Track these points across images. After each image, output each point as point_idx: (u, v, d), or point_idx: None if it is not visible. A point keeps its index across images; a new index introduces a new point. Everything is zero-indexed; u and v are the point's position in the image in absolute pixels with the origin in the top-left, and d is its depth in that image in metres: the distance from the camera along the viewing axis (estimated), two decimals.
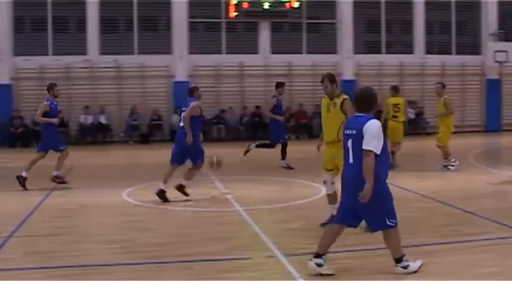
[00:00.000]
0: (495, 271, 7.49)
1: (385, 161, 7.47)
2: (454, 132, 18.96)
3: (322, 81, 10.12)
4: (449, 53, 32.19)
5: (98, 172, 18.43)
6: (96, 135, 28.14)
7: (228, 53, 29.61)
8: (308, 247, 8.64)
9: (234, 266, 7.89)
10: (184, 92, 15.13)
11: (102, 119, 27.79)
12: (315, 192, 13.48)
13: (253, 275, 7.59)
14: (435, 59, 31.37)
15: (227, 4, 29.21)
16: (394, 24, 32.32)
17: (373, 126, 7.27)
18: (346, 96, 9.74)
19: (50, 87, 14.97)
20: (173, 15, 29.09)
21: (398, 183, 14.63)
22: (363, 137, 7.22)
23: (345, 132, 7.57)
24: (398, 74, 30.68)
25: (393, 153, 17.32)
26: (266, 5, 29.29)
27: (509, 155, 21.05)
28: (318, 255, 7.51)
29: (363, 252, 8.47)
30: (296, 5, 29.54)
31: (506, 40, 31.97)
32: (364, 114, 7.46)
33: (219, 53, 29.58)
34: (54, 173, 14.67)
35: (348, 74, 30.11)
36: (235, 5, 29.08)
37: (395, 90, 18.38)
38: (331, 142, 9.81)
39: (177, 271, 7.78)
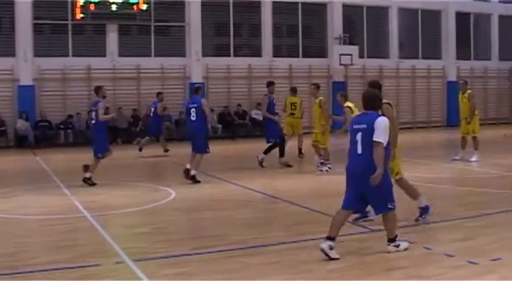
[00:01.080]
0: (339, 267, 7.79)
1: (389, 152, 8.52)
2: (305, 133, 19.75)
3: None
4: (296, 56, 33.06)
5: None
6: None
7: (74, 56, 28.95)
8: (157, 251, 8.69)
9: (84, 273, 7.76)
10: (29, 96, 15.00)
11: None
12: (165, 196, 13.52)
13: None
14: (283, 62, 32.15)
15: (73, 6, 28.57)
16: (242, 27, 32.83)
17: (383, 122, 8.32)
18: (385, 101, 9.82)
19: (99, 89, 15.96)
20: (17, 16, 28.11)
21: (246, 184, 14.95)
22: (372, 131, 8.23)
23: (354, 127, 8.53)
24: (247, 77, 31.24)
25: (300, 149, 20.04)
26: (113, 7, 28.94)
27: None
28: (330, 238, 8.19)
29: (208, 255, 8.59)
30: (144, 7, 29.37)
31: (351, 43, 33.21)
32: (372, 112, 8.50)
33: (66, 56, 28.91)
34: (87, 175, 15.29)
35: (196, 77, 30.28)
36: (82, 6, 28.51)
37: (293, 91, 20.17)
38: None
39: None
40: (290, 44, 33.68)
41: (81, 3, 28.47)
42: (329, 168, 17.07)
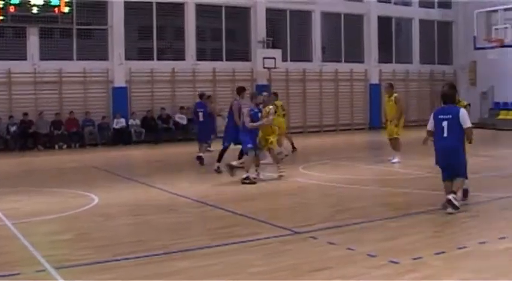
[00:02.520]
0: (263, 270, 7.82)
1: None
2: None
3: (442, 87, 12.25)
4: (220, 59, 33.01)
5: None
6: None
7: None
8: (80, 258, 8.55)
9: None
10: None
11: None
12: (88, 202, 13.32)
13: None
14: (206, 65, 32.06)
15: None
16: (166, 30, 32.63)
17: (465, 112, 11.39)
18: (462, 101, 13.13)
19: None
20: None
21: (170, 189, 14.89)
22: (457, 119, 11.19)
23: (439, 117, 11.38)
24: (170, 81, 31.05)
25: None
26: (34, 10, 28.32)
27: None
28: (452, 192, 11.17)
29: (132, 260, 8.52)
30: (66, 10, 28.85)
31: (274, 47, 33.38)
32: (452, 105, 11.48)
33: None
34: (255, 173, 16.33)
35: (119, 81, 29.97)
36: (1, 9, 27.78)
37: (276, 95, 22.68)
38: None
39: None
40: (214, 48, 33.65)
41: (1, 5, 27.78)
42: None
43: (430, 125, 11.64)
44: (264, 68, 32.39)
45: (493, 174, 15.42)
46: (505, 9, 33.17)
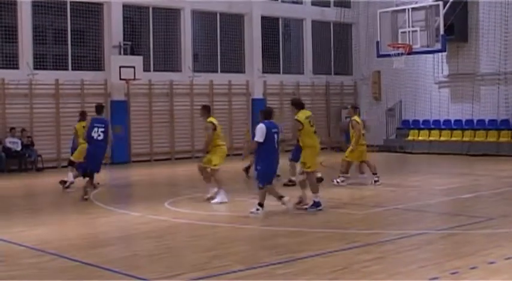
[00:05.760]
0: None
1: None
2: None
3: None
4: (65, 68, 32.16)
5: None
6: None
7: None
8: None
9: None
10: None
11: None
12: None
13: None
14: (47, 76, 31.05)
15: None
16: None
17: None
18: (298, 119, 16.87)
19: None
20: None
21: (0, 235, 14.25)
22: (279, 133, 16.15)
23: (272, 130, 15.60)
24: None
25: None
26: None
27: (140, 191, 21.48)
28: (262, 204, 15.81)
29: None
30: None
31: (133, 53, 32.90)
32: (272, 121, 16.09)
33: None
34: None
35: None
36: None
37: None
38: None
39: None
40: (56, 54, 32.83)
41: None
42: None
43: (262, 137, 15.40)
44: (121, 79, 31.90)
45: (401, 207, 15.71)
46: (413, 9, 33.56)
